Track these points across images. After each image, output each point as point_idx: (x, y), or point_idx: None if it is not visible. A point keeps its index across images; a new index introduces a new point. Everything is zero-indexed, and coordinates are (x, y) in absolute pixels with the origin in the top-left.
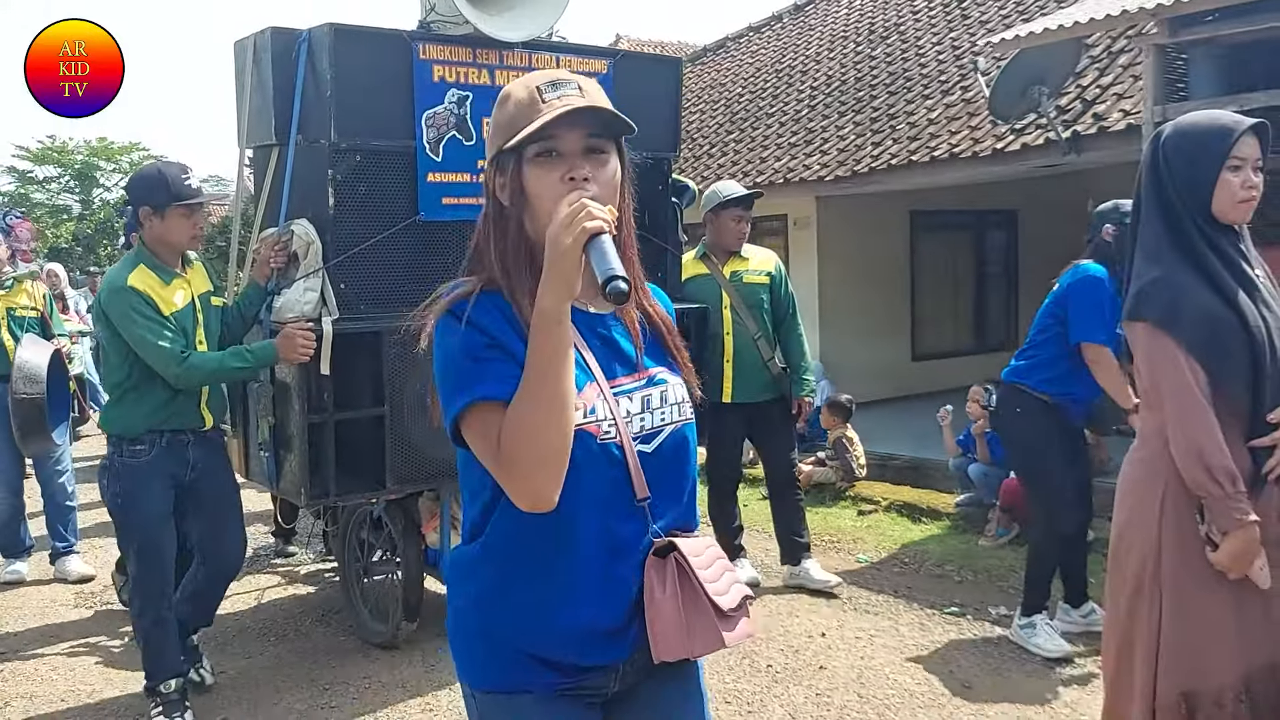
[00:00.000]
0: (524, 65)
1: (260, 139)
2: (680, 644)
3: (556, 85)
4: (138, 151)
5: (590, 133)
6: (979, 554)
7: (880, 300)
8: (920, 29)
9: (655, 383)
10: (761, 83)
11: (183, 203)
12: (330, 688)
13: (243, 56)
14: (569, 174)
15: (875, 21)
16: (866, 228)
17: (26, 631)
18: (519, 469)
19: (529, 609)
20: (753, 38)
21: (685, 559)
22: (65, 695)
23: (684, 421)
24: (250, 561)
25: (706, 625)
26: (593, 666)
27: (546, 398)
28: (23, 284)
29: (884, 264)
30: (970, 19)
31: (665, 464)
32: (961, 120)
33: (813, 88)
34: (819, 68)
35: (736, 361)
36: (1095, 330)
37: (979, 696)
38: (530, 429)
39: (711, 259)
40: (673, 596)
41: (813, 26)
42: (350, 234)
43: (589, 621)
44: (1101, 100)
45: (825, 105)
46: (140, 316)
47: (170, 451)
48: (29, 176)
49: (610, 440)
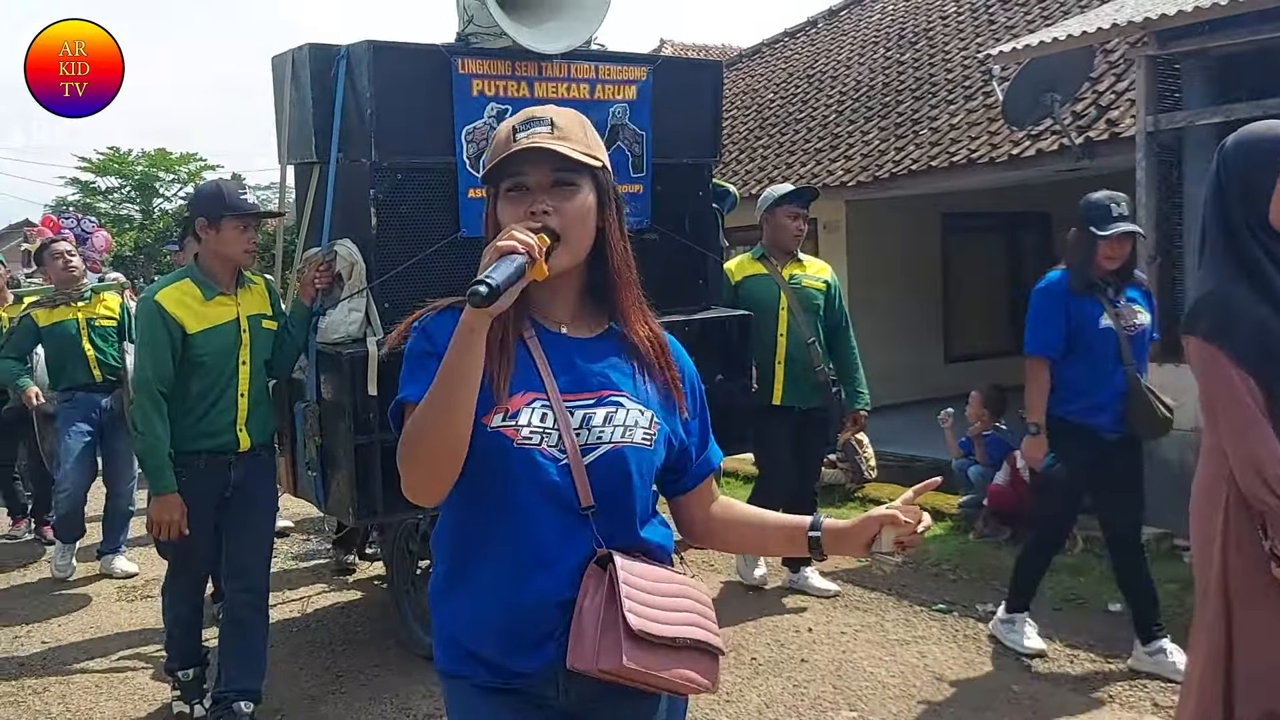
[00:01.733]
0: (563, 76)
1: (301, 156)
2: (590, 655)
3: (529, 124)
4: (195, 162)
5: (555, 167)
6: (976, 553)
7: (912, 302)
8: (948, 34)
9: (604, 403)
10: (793, 88)
11: (236, 214)
12: (343, 675)
13: (281, 72)
14: (529, 208)
15: (905, 27)
16: (896, 231)
17: (69, 623)
18: (405, 461)
19: (465, 603)
20: (788, 43)
21: (616, 572)
22: (99, 682)
23: (625, 444)
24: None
25: (613, 643)
26: (518, 672)
27: (439, 400)
28: (101, 295)
29: (915, 266)
30: (996, 24)
31: (601, 479)
32: (982, 126)
33: (841, 93)
34: (849, 73)
35: (789, 364)
36: (1034, 341)
37: (947, 687)
38: (419, 426)
39: (770, 260)
40: (596, 607)
41: (846, 32)
42: (393, 253)
43: (508, 624)
44: (1116, 106)
45: (853, 111)
46: (147, 332)
47: (211, 472)
48: (92, 187)
49: (531, 447)
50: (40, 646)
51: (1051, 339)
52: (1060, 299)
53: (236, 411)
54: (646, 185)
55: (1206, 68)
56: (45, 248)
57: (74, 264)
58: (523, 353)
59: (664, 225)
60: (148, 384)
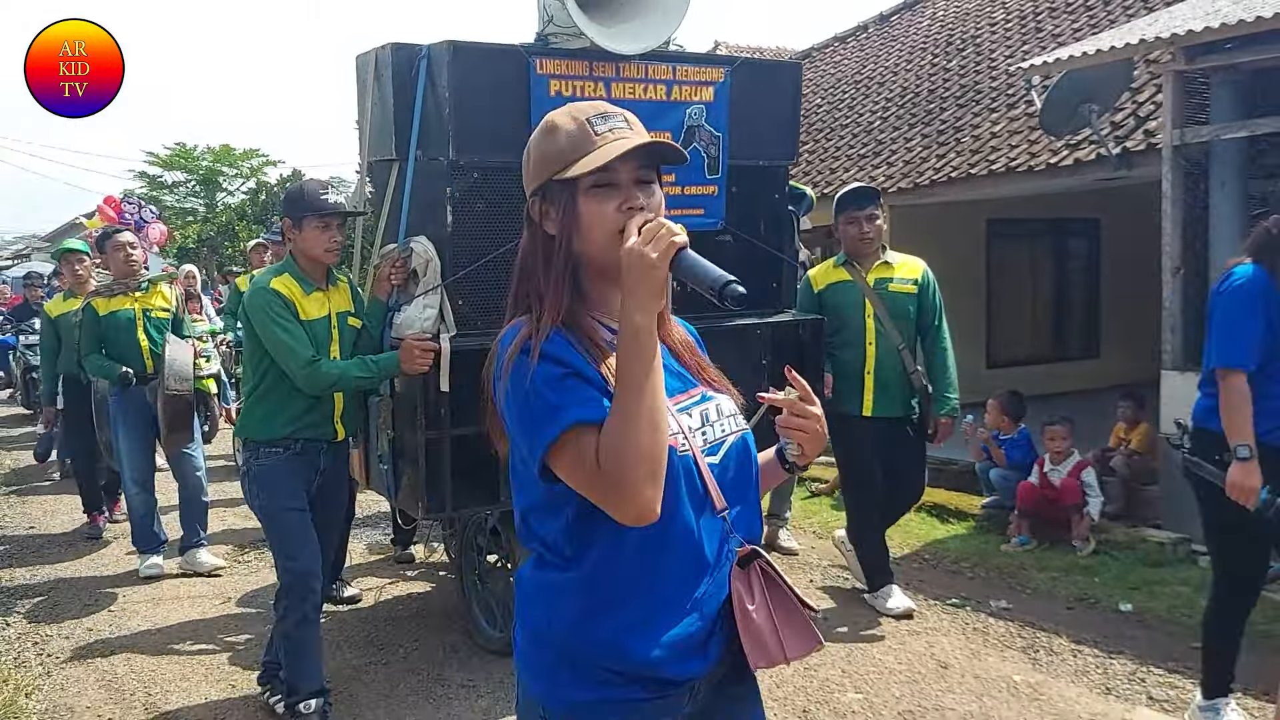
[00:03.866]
0: (640, 77)
1: (381, 153)
2: (775, 650)
3: (606, 118)
4: (257, 158)
5: (640, 164)
6: (996, 554)
7: (954, 307)
8: (995, 42)
9: (707, 398)
10: (840, 94)
11: (316, 214)
12: (384, 648)
13: (364, 71)
14: (626, 204)
15: (954, 34)
16: (940, 235)
17: (156, 628)
18: (626, 487)
19: (622, 629)
20: (837, 48)
21: (771, 565)
22: (187, 690)
23: (743, 430)
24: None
25: (800, 628)
26: (679, 681)
27: (646, 411)
28: (158, 286)
29: (958, 271)
30: (1044, 33)
31: (732, 474)
32: (1022, 135)
33: (887, 99)
34: (895, 79)
35: (878, 373)
36: (1227, 351)
37: (951, 675)
38: (634, 444)
39: (854, 266)
40: (763, 604)
41: (895, 37)
42: (468, 251)
43: (678, 637)
44: (1155, 117)
45: (897, 118)
46: (278, 317)
47: (303, 456)
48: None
49: (686, 453)
50: (126, 646)
51: (1249, 348)
52: (1258, 299)
53: (334, 405)
54: (721, 187)
55: (1234, 82)
56: (108, 237)
57: (135, 256)
58: None
59: (738, 227)
60: (307, 359)
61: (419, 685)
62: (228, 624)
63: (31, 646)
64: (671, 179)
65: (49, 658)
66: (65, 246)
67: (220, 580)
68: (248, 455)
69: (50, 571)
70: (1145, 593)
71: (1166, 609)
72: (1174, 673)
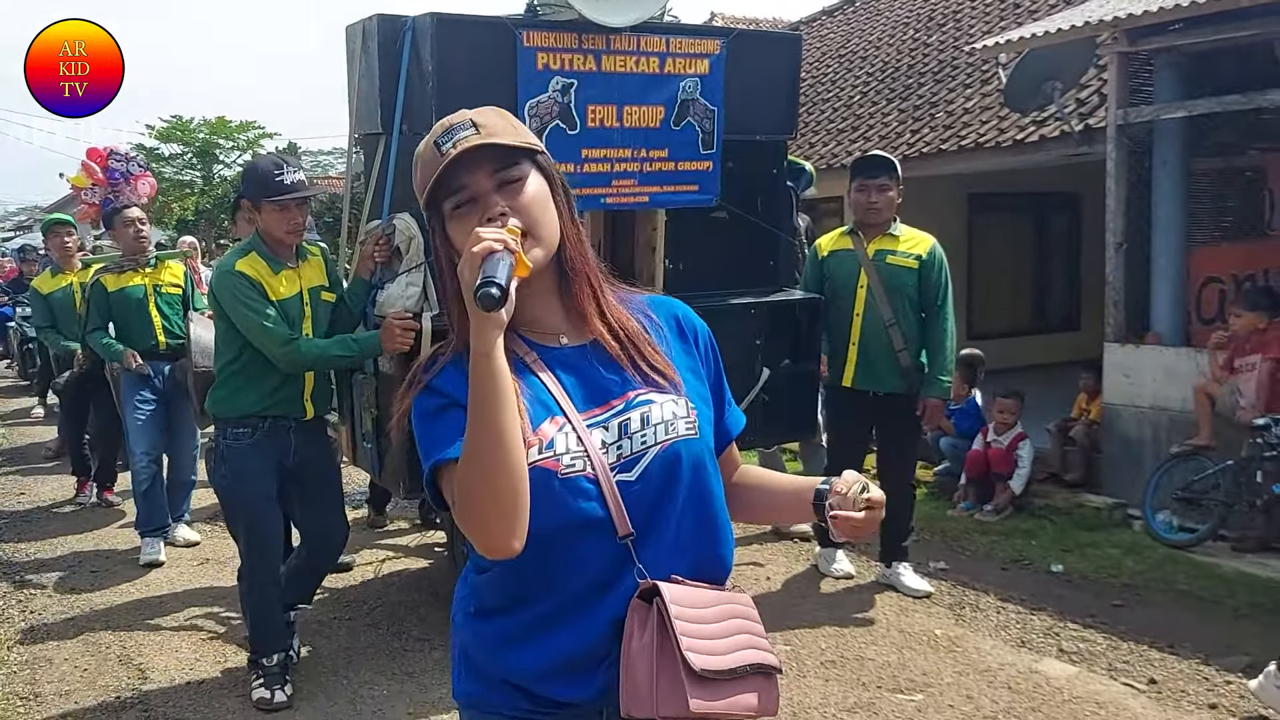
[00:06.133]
0: (631, 49)
1: (369, 127)
2: (648, 701)
3: (451, 132)
4: (253, 130)
5: (495, 167)
6: (943, 519)
7: None
8: (975, 18)
9: (634, 405)
10: (824, 68)
11: (272, 199)
12: (350, 605)
13: (353, 42)
14: (484, 216)
15: (936, 9)
16: (921, 209)
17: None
18: (473, 518)
19: (507, 638)
20: (825, 21)
21: (665, 606)
22: (170, 667)
23: (673, 439)
24: None
25: (673, 687)
26: (562, 702)
27: (488, 439)
28: (167, 262)
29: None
30: (1021, 9)
31: (654, 491)
32: (993, 111)
33: (868, 74)
34: (878, 54)
35: (862, 345)
36: None
37: (877, 630)
38: (477, 476)
39: (858, 235)
40: (647, 648)
41: (880, 12)
42: None
43: (558, 656)
44: None
45: (876, 93)
46: (248, 300)
47: (272, 436)
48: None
49: (576, 474)
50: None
51: None
52: None
53: (304, 383)
54: (716, 162)
55: (1177, 64)
56: (118, 213)
57: (144, 233)
58: (530, 378)
59: (734, 204)
60: (284, 336)
61: (378, 639)
62: (203, 587)
63: (15, 605)
64: (664, 154)
65: (32, 614)
66: (51, 219)
67: (198, 549)
68: (217, 434)
69: (36, 541)
70: (1077, 555)
71: (1094, 569)
72: (1089, 628)
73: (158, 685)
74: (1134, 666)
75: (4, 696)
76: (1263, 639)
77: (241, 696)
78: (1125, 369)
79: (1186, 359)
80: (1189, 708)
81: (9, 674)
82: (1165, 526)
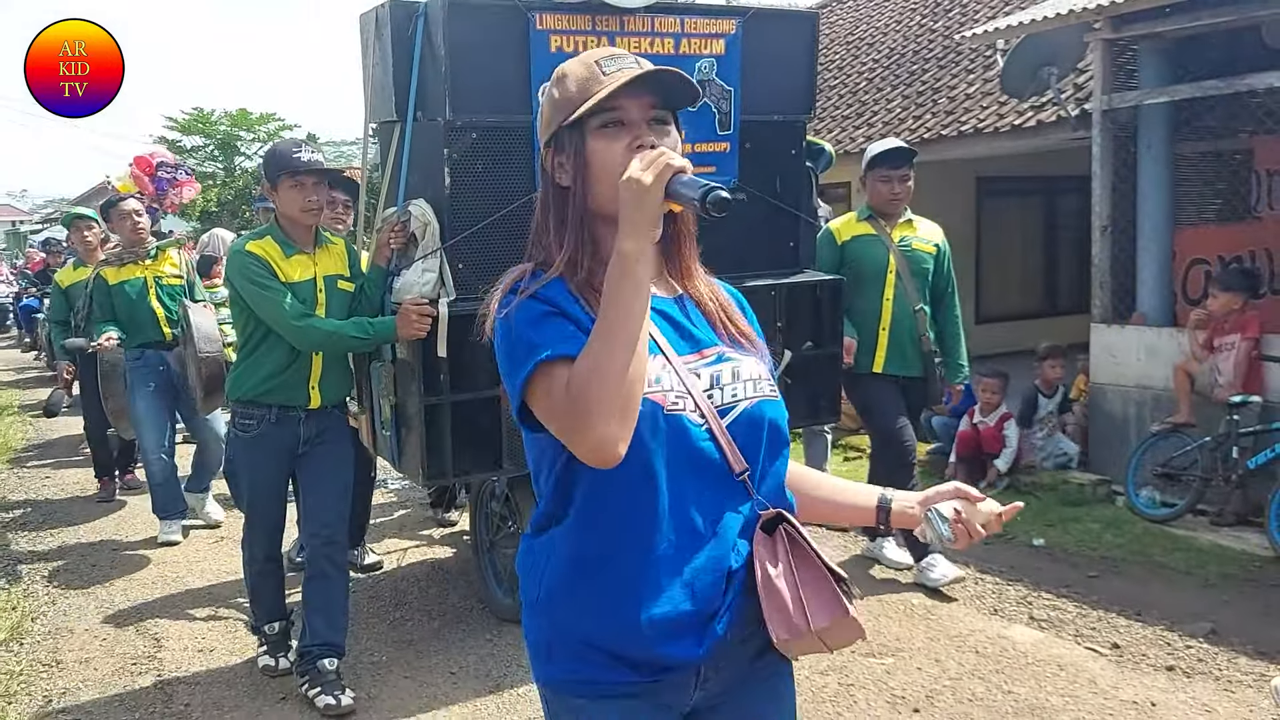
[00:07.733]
0: (646, 30)
1: (383, 115)
2: (799, 619)
3: (615, 59)
4: (274, 122)
5: (653, 102)
6: None
7: None
8: (980, 3)
9: (725, 359)
10: (831, 55)
11: (290, 174)
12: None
13: (367, 29)
14: (636, 142)
15: None
16: (929, 193)
17: (153, 566)
18: (587, 415)
19: (606, 595)
20: (835, 7)
21: (797, 528)
22: (184, 635)
23: (759, 398)
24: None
25: (827, 597)
26: (671, 664)
27: (623, 338)
28: (166, 252)
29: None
30: None
31: (742, 440)
32: (993, 96)
33: (875, 60)
34: (885, 40)
35: (894, 330)
36: None
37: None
38: (603, 370)
39: (878, 221)
40: (786, 572)
41: None
42: (467, 213)
43: (671, 609)
44: None
45: (882, 79)
46: (256, 277)
47: (281, 426)
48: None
49: (679, 412)
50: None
51: None
52: None
53: (310, 370)
54: (734, 143)
55: (1161, 50)
56: (114, 205)
57: (142, 224)
58: None
59: (753, 185)
60: (296, 312)
61: (380, 610)
62: (217, 565)
63: (39, 580)
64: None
65: (54, 588)
66: (74, 212)
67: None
68: (232, 415)
69: (62, 526)
70: (1060, 529)
71: (1075, 543)
72: (1061, 597)
73: (171, 652)
74: (1099, 632)
75: (29, 664)
76: (1230, 608)
77: (249, 662)
78: (1111, 349)
79: (1169, 339)
80: (1147, 669)
81: (33, 643)
82: (1147, 502)
